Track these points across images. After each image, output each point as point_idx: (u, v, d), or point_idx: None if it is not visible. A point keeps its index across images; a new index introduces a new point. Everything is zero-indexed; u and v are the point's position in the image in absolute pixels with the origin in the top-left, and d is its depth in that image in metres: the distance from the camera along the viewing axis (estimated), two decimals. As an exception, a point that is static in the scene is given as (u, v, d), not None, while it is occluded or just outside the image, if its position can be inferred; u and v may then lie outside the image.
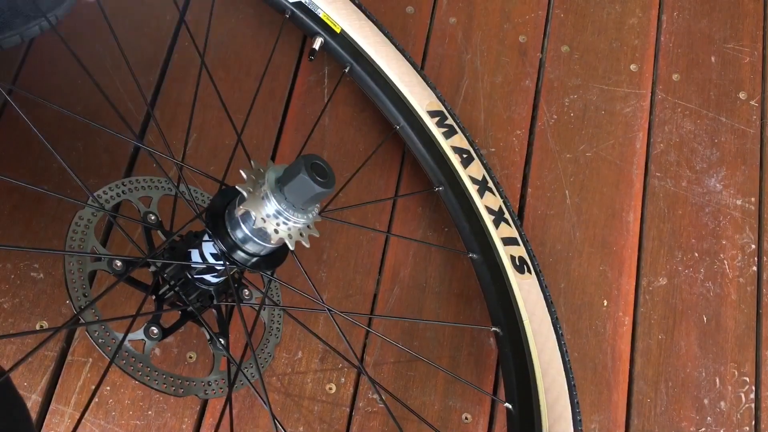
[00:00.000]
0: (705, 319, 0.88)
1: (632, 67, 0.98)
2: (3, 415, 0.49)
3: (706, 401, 0.85)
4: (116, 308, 0.76)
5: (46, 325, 0.73)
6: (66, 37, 0.83)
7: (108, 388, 0.73)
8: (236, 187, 0.53)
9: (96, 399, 0.73)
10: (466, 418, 0.80)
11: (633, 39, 1.00)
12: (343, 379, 0.79)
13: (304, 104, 0.88)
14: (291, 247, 0.53)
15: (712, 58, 1.01)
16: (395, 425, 0.77)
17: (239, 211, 0.54)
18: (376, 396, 0.78)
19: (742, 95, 1.00)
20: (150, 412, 0.73)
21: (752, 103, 1.00)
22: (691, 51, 1.01)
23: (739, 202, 0.94)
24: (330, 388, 0.78)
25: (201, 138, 0.84)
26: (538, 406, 0.71)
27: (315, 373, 0.78)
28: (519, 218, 0.88)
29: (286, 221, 0.52)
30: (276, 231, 0.53)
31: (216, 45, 0.87)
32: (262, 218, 0.52)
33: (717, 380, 0.86)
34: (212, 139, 0.84)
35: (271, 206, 0.52)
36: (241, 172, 0.53)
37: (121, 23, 0.86)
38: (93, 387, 0.73)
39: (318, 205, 0.54)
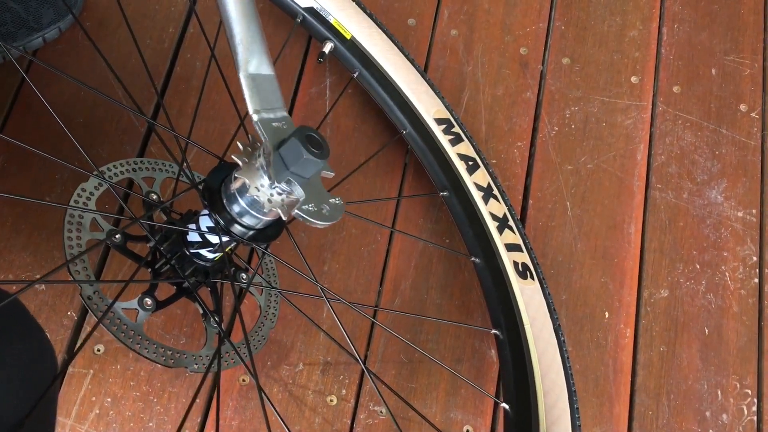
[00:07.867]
0: (707, 331, 0.88)
1: (633, 79, 0.99)
2: (28, 341, 0.47)
3: (708, 414, 0.85)
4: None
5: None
6: (68, 50, 0.84)
7: (109, 399, 0.73)
8: (232, 156, 0.53)
9: (97, 411, 0.73)
10: (468, 431, 0.79)
11: (634, 51, 1.00)
12: (344, 391, 0.78)
13: (306, 116, 0.89)
14: (284, 218, 0.54)
15: (713, 71, 1.01)
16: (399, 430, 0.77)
17: (235, 182, 0.54)
18: (377, 408, 0.78)
19: (742, 107, 1.00)
20: (151, 424, 0.73)
21: (753, 115, 1.00)
22: (692, 63, 1.01)
23: (740, 214, 0.94)
24: (331, 400, 0.78)
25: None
26: (536, 407, 0.70)
27: (316, 385, 0.78)
28: (520, 230, 0.88)
29: (281, 192, 0.53)
30: (269, 201, 0.53)
31: (217, 53, 0.88)
32: (256, 187, 0.52)
33: (719, 393, 0.86)
34: (213, 150, 0.84)
35: (266, 176, 0.52)
36: (238, 143, 0.53)
37: (122, 36, 0.86)
38: (94, 398, 0.73)
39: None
